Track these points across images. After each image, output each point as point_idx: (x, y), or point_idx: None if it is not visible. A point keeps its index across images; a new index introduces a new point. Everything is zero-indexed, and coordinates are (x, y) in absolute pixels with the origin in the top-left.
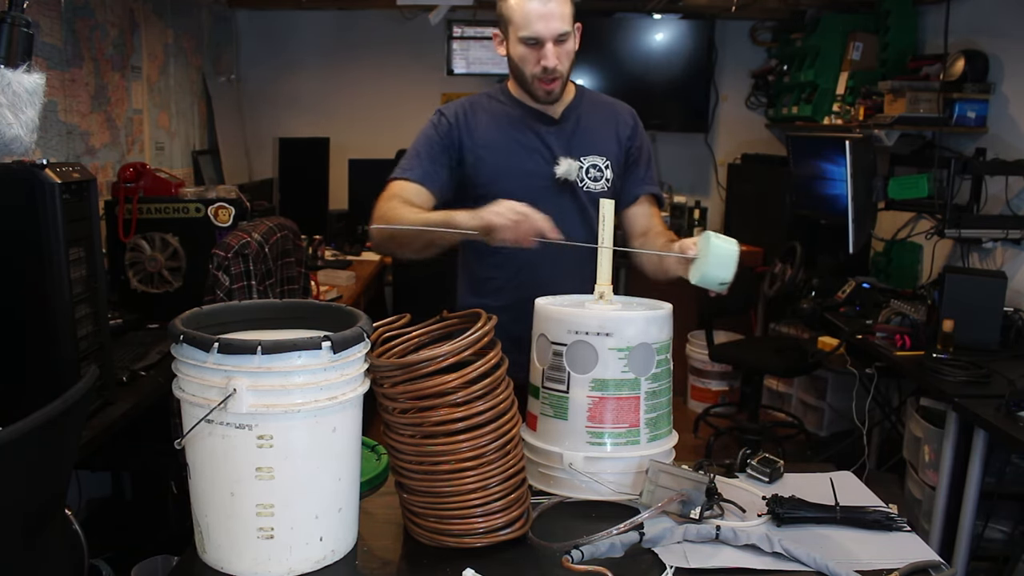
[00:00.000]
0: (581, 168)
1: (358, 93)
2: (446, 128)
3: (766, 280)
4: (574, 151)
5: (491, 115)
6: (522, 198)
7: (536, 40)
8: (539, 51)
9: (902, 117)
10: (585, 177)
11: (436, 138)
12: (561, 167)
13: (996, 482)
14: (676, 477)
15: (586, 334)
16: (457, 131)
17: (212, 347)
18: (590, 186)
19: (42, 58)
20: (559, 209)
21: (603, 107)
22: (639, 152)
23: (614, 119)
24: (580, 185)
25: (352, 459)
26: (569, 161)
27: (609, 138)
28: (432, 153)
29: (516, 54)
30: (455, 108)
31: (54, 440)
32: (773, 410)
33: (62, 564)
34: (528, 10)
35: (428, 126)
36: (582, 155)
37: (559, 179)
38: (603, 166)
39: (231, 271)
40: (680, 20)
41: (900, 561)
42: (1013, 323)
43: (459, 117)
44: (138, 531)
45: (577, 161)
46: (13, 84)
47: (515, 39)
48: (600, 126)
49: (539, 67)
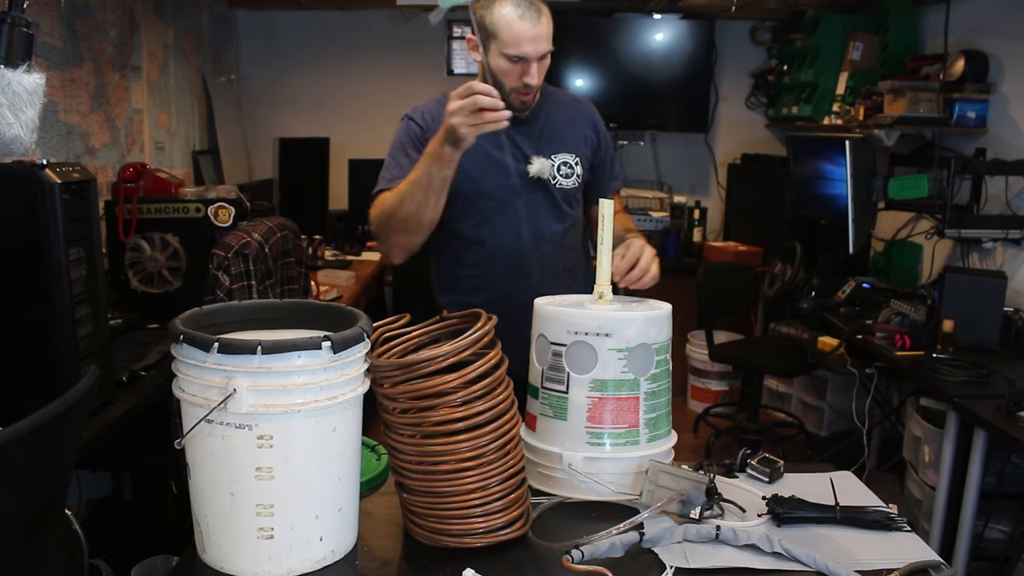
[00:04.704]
0: (553, 166)
1: (358, 93)
2: (418, 131)
3: (766, 280)
4: (544, 149)
5: None
6: (497, 197)
7: (522, 59)
8: (523, 67)
9: (902, 117)
10: (557, 174)
11: (410, 142)
12: (534, 166)
13: (996, 482)
14: (676, 477)
15: (585, 334)
16: (429, 132)
17: (212, 347)
18: (562, 183)
19: (42, 58)
20: (534, 206)
21: (567, 105)
22: (606, 149)
23: (579, 117)
24: (553, 182)
25: (352, 459)
26: (541, 160)
27: (576, 136)
28: (410, 156)
29: (497, 67)
30: (422, 111)
31: (54, 440)
32: (773, 410)
33: (62, 564)
34: (518, 31)
35: (400, 132)
36: (552, 153)
37: (532, 177)
38: (573, 163)
39: (231, 271)
40: (680, 20)
41: (900, 561)
42: (1013, 323)
43: (427, 120)
44: (138, 531)
45: (549, 159)
46: (13, 84)
47: (497, 53)
48: (567, 124)
49: (520, 82)
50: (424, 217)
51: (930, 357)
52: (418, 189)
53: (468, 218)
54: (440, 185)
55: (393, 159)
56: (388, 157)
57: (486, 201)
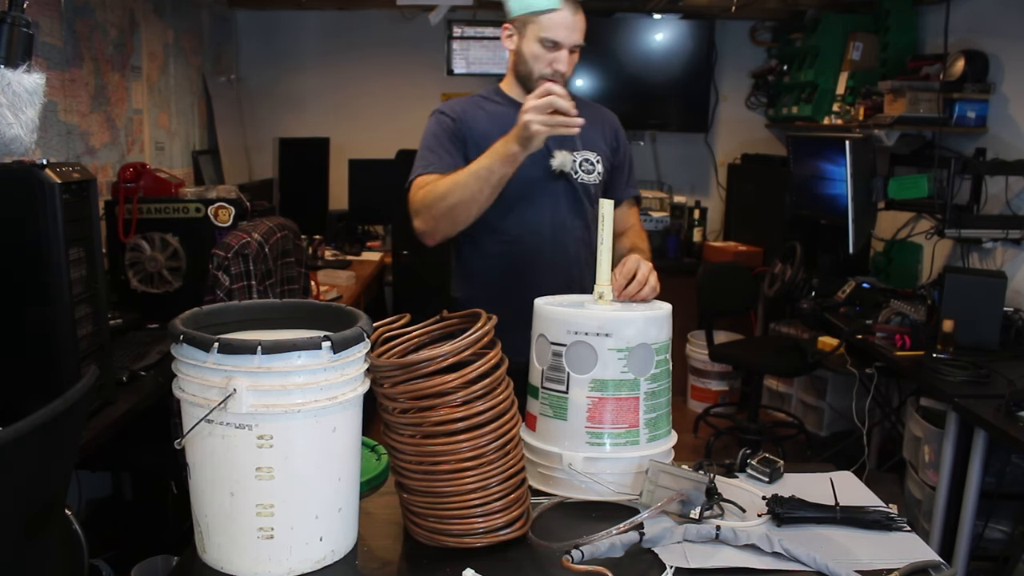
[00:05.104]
0: (575, 161)
1: (358, 93)
2: (450, 123)
3: (766, 280)
4: (566, 144)
5: (488, 113)
6: (520, 188)
7: (555, 44)
8: (554, 54)
9: (902, 117)
10: (579, 169)
11: (444, 133)
12: (556, 159)
13: (996, 482)
14: (676, 477)
15: (585, 334)
16: (462, 125)
17: (212, 347)
18: (583, 178)
19: (42, 58)
20: (554, 198)
21: (589, 109)
22: (624, 156)
23: (600, 121)
24: (574, 176)
25: (352, 459)
26: (564, 153)
27: (597, 137)
28: (445, 146)
29: (529, 51)
30: (453, 105)
31: (54, 440)
32: (773, 410)
33: (62, 564)
34: (556, 16)
35: (433, 124)
36: (574, 149)
37: (555, 170)
38: (594, 160)
39: (231, 271)
40: (680, 20)
41: (900, 561)
42: (1013, 323)
43: (459, 113)
44: (138, 531)
45: (571, 154)
46: (13, 84)
47: (532, 37)
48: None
49: (550, 68)
50: (472, 209)
51: (930, 357)
52: (474, 181)
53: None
54: (497, 182)
55: (428, 149)
56: (422, 148)
57: (510, 191)
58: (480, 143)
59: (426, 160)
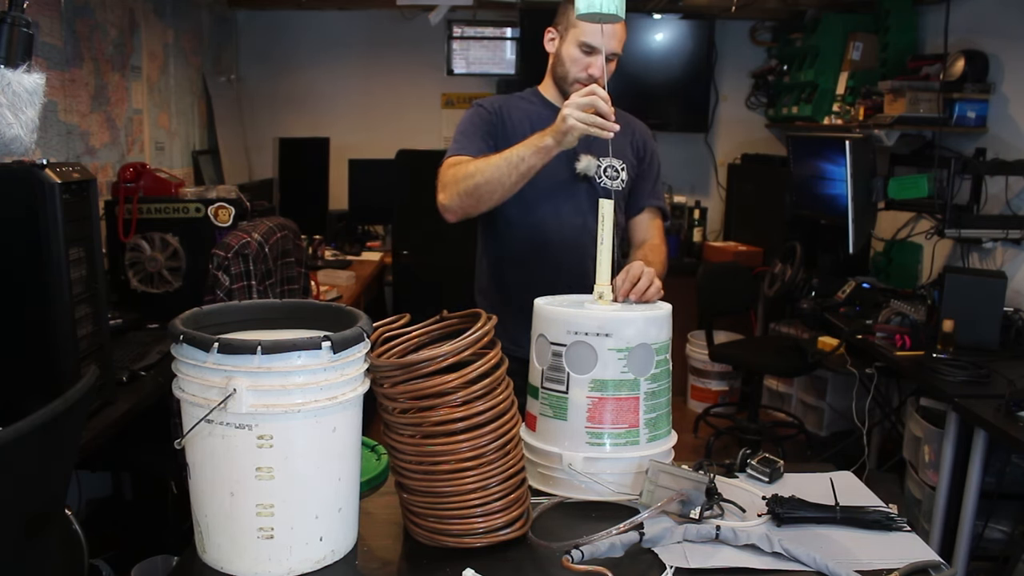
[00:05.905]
0: (599, 166)
1: (358, 93)
2: (487, 116)
3: (766, 280)
4: (593, 149)
5: (523, 112)
6: (544, 187)
7: (592, 49)
8: (591, 58)
9: (902, 117)
10: (603, 174)
11: (480, 123)
12: (581, 163)
13: (996, 482)
14: (676, 477)
15: (585, 335)
16: (498, 119)
17: (212, 347)
18: (607, 183)
19: (42, 58)
20: (576, 201)
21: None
22: (650, 167)
23: (631, 131)
24: (597, 181)
25: (352, 459)
26: (589, 158)
27: (625, 145)
28: (480, 134)
29: (568, 55)
30: (491, 101)
31: (54, 440)
32: (773, 410)
33: (62, 564)
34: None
35: (471, 114)
36: (601, 155)
37: (579, 173)
38: (619, 168)
39: (231, 271)
40: (680, 20)
41: (900, 561)
42: (1013, 323)
43: (496, 109)
44: (138, 531)
45: (596, 160)
46: (13, 84)
47: (573, 41)
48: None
49: (585, 73)
50: (497, 191)
51: (930, 357)
52: (505, 165)
53: (515, 204)
54: (526, 171)
55: (463, 135)
56: (457, 134)
57: (534, 189)
58: (511, 140)
59: (460, 144)
